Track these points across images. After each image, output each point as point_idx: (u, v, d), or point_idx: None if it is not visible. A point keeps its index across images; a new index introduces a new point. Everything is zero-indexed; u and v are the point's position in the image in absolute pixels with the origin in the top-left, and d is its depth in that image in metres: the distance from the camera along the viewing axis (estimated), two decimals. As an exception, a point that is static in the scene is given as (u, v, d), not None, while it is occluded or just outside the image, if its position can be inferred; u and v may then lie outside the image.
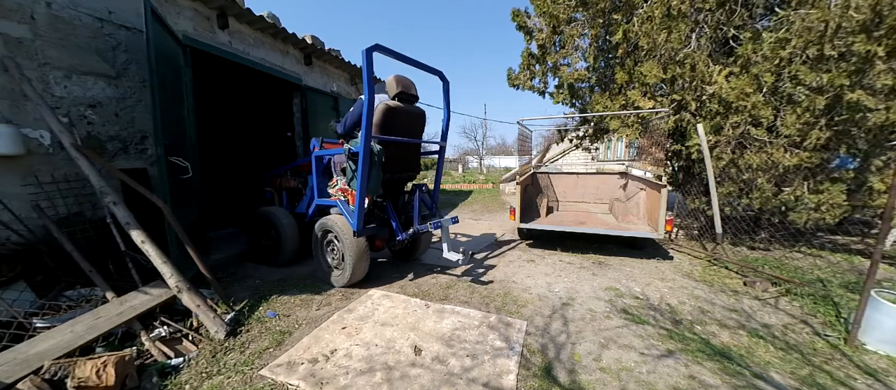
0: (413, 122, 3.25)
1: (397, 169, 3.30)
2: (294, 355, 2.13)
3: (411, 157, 3.48)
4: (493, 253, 4.47)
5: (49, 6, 2.64)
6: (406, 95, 3.11)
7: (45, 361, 1.74)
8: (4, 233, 2.40)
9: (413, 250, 3.94)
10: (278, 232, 3.71)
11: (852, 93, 3.30)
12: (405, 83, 3.12)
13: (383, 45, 2.58)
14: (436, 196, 3.86)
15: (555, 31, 6.06)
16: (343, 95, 6.66)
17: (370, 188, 2.82)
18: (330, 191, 3.36)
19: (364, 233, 3.02)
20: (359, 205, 2.83)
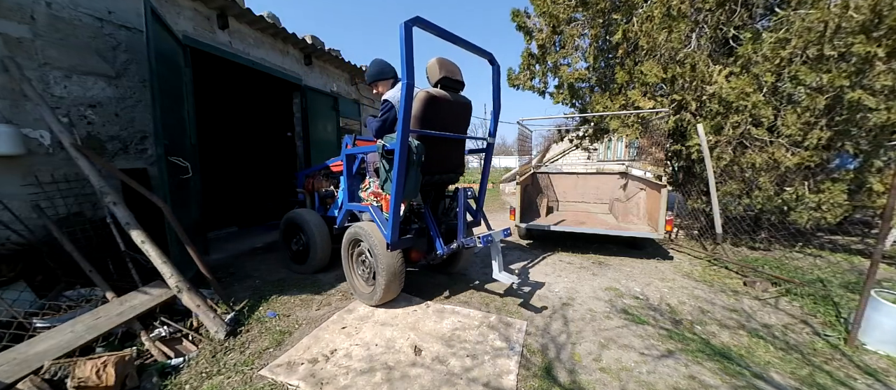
0: (458, 115, 2.79)
1: (438, 169, 2.83)
2: (294, 355, 2.13)
3: (454, 156, 3.01)
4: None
5: (49, 6, 2.64)
6: (451, 82, 2.65)
7: (45, 361, 1.73)
8: (4, 233, 2.40)
9: (452, 262, 3.47)
10: (307, 237, 3.47)
11: (852, 93, 3.31)
12: (450, 67, 2.64)
13: (424, 19, 2.18)
14: (481, 202, 3.36)
15: (555, 31, 6.06)
16: (343, 95, 6.66)
17: (407, 192, 2.41)
18: (361, 195, 2.97)
19: (400, 246, 2.60)
20: (393, 211, 2.39)
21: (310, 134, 5.66)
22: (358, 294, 2.90)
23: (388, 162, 2.44)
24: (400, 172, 2.28)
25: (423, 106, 2.44)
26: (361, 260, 2.89)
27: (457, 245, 2.83)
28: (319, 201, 3.80)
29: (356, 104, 7.15)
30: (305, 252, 3.55)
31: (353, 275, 2.98)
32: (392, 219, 2.42)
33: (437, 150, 2.68)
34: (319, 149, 5.91)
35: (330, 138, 6.23)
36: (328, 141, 6.18)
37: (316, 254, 3.43)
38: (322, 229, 3.45)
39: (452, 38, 2.38)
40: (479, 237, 2.77)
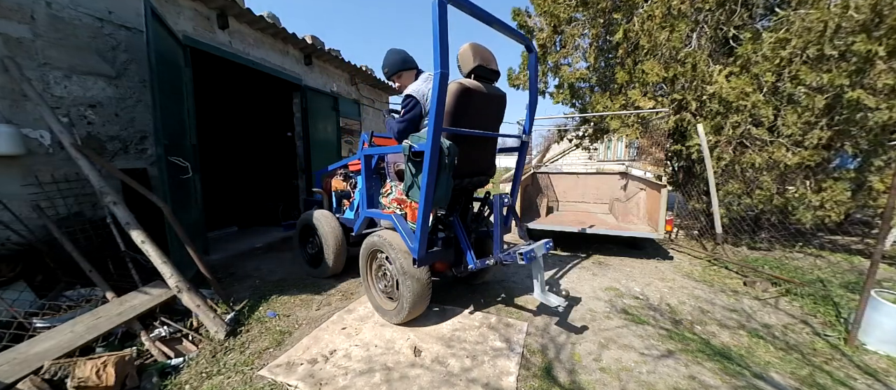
0: (492, 109, 2.48)
1: (469, 172, 2.54)
2: (293, 355, 2.13)
3: (486, 156, 2.69)
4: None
5: (49, 6, 2.65)
6: (486, 72, 2.34)
7: (45, 361, 1.74)
8: (4, 233, 2.40)
9: (478, 273, 3.07)
10: (320, 240, 3.30)
11: (852, 92, 3.30)
12: (484, 55, 2.34)
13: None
14: (513, 209, 3.00)
15: (555, 31, 6.05)
16: (343, 95, 6.66)
17: (437, 199, 2.10)
18: (382, 201, 2.68)
19: (427, 261, 2.32)
20: (421, 222, 2.10)
21: (310, 134, 5.66)
22: (379, 311, 2.60)
23: (415, 165, 2.12)
24: (430, 178, 1.95)
25: (456, 100, 2.12)
26: (383, 273, 2.59)
27: (494, 261, 2.48)
28: (336, 202, 3.56)
29: (356, 104, 7.15)
30: (319, 255, 3.38)
31: (374, 290, 2.69)
32: (420, 232, 2.13)
33: (469, 151, 2.36)
34: (319, 149, 5.91)
35: (330, 138, 6.23)
36: (328, 141, 6.18)
37: (329, 260, 3.26)
38: (336, 233, 3.25)
39: (488, 18, 2.07)
40: (520, 253, 2.31)
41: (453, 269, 2.72)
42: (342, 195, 3.50)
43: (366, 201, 2.76)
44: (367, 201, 2.76)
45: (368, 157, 2.73)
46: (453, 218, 2.63)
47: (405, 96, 2.36)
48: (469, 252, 2.49)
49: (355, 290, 3.15)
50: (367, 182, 2.77)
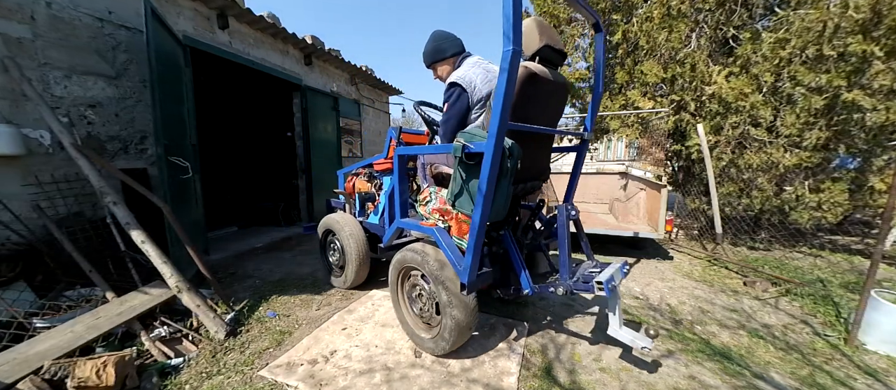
0: (556, 101, 2.11)
1: (524, 176, 2.16)
2: (294, 356, 2.13)
3: (544, 158, 2.36)
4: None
5: (49, 6, 2.64)
6: (553, 53, 1.96)
7: (45, 361, 1.73)
8: (4, 233, 2.40)
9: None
10: (341, 247, 3.01)
11: (850, 93, 3.31)
12: (551, 34, 1.97)
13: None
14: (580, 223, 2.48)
15: (555, 31, 6.06)
16: (343, 95, 6.66)
17: (495, 211, 1.78)
18: (420, 211, 2.26)
19: (478, 285, 1.92)
20: (475, 239, 1.73)
21: (310, 134, 5.67)
22: (413, 337, 2.22)
23: (468, 170, 1.76)
24: (490, 185, 1.61)
25: (521, 88, 1.74)
26: (418, 294, 2.20)
27: (563, 290, 1.97)
28: (359, 205, 3.18)
29: (356, 104, 7.15)
30: (341, 264, 3.09)
31: (406, 311, 2.30)
32: (473, 251, 1.76)
33: (526, 151, 1.89)
34: (319, 149, 5.92)
35: (330, 138, 6.23)
36: (328, 141, 6.18)
37: (351, 270, 2.94)
38: (360, 240, 2.92)
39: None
40: (599, 282, 1.86)
41: (498, 291, 2.34)
42: (366, 198, 3.10)
43: (399, 209, 2.30)
44: (400, 209, 2.30)
45: (403, 159, 2.29)
46: (504, 231, 2.18)
47: (449, 85, 2.01)
48: (524, 273, 2.04)
49: (355, 290, 3.15)
50: (402, 187, 2.31)
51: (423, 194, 2.27)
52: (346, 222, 3.00)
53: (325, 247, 3.30)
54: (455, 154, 1.73)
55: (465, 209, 1.83)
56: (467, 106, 2.00)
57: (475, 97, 1.98)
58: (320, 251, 3.35)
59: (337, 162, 6.46)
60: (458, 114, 2.00)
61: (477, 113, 2.03)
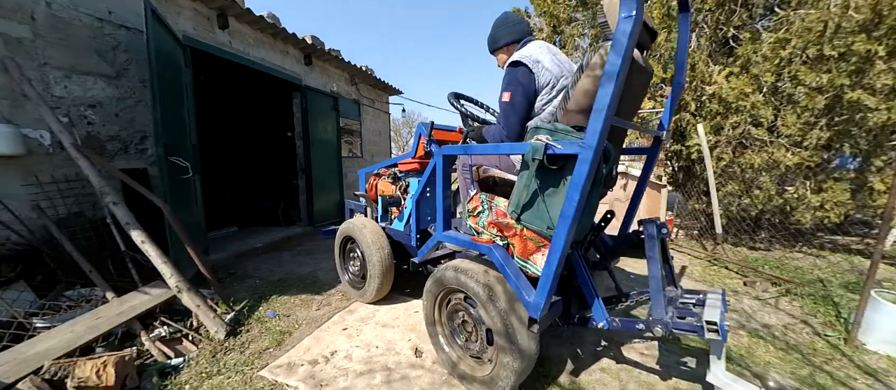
0: (641, 91, 1.79)
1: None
2: (294, 356, 2.13)
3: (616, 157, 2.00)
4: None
5: (49, 6, 2.64)
6: (645, 31, 1.60)
7: (45, 361, 1.74)
8: (4, 233, 2.40)
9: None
10: (363, 256, 2.74)
11: (852, 92, 3.31)
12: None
13: None
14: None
15: (555, 31, 6.06)
16: (343, 95, 6.66)
17: (581, 227, 1.59)
18: (469, 224, 1.88)
19: (549, 319, 1.69)
20: (555, 264, 1.40)
21: (310, 134, 5.66)
22: (458, 374, 1.87)
23: (546, 176, 1.43)
24: (583, 197, 1.29)
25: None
26: (460, 321, 1.88)
27: (662, 330, 1.56)
28: (382, 209, 2.90)
29: (356, 104, 7.15)
30: (362, 275, 2.84)
31: (444, 340, 1.97)
32: (551, 278, 1.41)
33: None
34: (319, 149, 5.92)
35: (330, 138, 6.23)
36: (328, 141, 6.18)
37: (374, 282, 2.64)
38: (384, 250, 2.62)
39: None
40: (709, 323, 1.49)
41: (559, 319, 1.93)
42: (390, 202, 2.79)
43: (442, 220, 1.93)
44: (443, 220, 1.93)
45: (448, 160, 1.92)
46: (574, 253, 1.80)
47: (510, 65, 1.72)
48: (597, 300, 1.68)
49: (355, 290, 3.15)
50: (446, 192, 1.96)
51: (473, 203, 1.86)
52: (368, 229, 2.68)
53: (343, 254, 3.01)
54: (533, 156, 1.37)
55: (533, 224, 1.51)
56: (534, 90, 1.70)
57: (542, 78, 1.68)
58: (338, 259, 3.05)
59: (337, 162, 6.46)
60: (523, 100, 1.69)
61: (543, 100, 1.72)
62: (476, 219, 1.84)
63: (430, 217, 2.51)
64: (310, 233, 5.53)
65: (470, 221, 1.87)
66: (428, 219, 2.51)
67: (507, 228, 1.68)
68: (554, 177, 1.43)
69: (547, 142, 1.37)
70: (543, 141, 1.38)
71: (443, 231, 1.94)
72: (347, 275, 3.01)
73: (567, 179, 1.34)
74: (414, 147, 2.51)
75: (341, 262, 3.04)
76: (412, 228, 2.48)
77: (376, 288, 2.65)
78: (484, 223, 1.80)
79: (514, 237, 1.66)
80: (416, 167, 2.64)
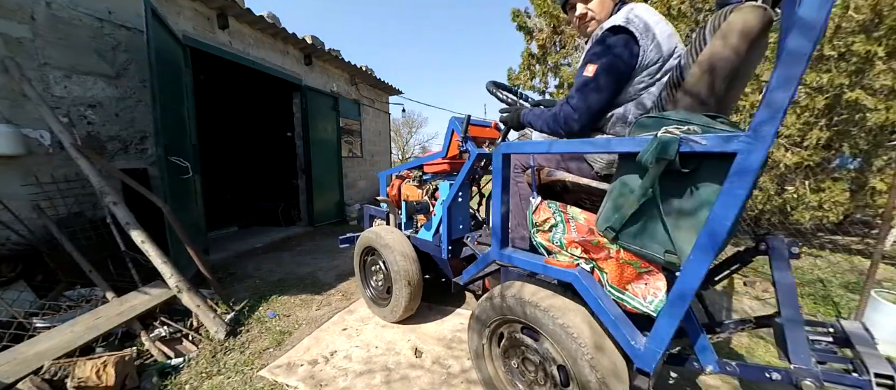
0: (752, 72, 1.36)
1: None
2: (294, 356, 2.13)
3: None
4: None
5: (49, 6, 2.64)
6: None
7: (45, 361, 1.74)
8: (4, 233, 2.40)
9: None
10: (387, 271, 2.41)
11: (851, 92, 3.31)
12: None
13: None
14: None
15: (555, 31, 6.06)
16: (343, 95, 6.67)
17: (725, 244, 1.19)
18: (538, 240, 1.47)
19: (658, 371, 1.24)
20: (685, 303, 1.07)
21: (310, 134, 5.67)
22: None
23: (673, 185, 1.05)
24: (741, 210, 0.98)
25: (751, 43, 1.04)
26: (522, 360, 1.52)
27: (813, 383, 1.07)
28: (406, 216, 2.59)
29: (356, 104, 7.16)
30: (386, 291, 2.51)
31: (504, 379, 1.63)
32: (678, 317, 1.08)
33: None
34: (319, 149, 5.92)
35: (330, 138, 6.24)
36: (328, 141, 6.19)
37: (400, 301, 2.32)
38: (411, 263, 2.29)
39: None
40: (883, 378, 1.04)
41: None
42: (417, 208, 2.43)
43: (500, 234, 1.54)
44: (501, 234, 1.54)
45: (507, 160, 1.51)
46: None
47: (608, 31, 1.29)
48: (703, 337, 1.23)
49: (356, 290, 3.15)
50: (505, 197, 1.53)
51: (540, 215, 1.43)
52: (393, 239, 2.36)
53: (364, 267, 2.69)
54: (658, 155, 0.99)
55: (641, 246, 1.13)
56: (633, 67, 1.28)
57: (649, 54, 1.26)
58: (358, 272, 2.72)
59: (337, 162, 6.47)
60: (615, 79, 1.28)
61: (642, 83, 1.30)
62: (547, 235, 1.43)
63: (462, 225, 2.31)
64: (310, 233, 5.53)
65: (540, 238, 1.46)
66: (460, 227, 2.28)
67: (596, 249, 1.29)
68: (680, 186, 1.03)
69: (681, 137, 0.97)
70: (676, 134, 0.98)
71: (500, 248, 1.56)
72: (369, 291, 2.67)
73: (698, 188, 1.00)
74: (445, 145, 2.23)
75: (362, 276, 2.72)
76: (443, 238, 2.20)
77: (404, 305, 2.32)
78: (561, 241, 1.38)
79: (606, 261, 1.28)
80: (446, 168, 2.39)
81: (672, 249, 1.07)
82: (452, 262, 2.30)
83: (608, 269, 1.27)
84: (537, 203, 1.48)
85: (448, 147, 2.25)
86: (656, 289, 1.18)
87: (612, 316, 1.20)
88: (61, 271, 2.51)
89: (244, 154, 7.62)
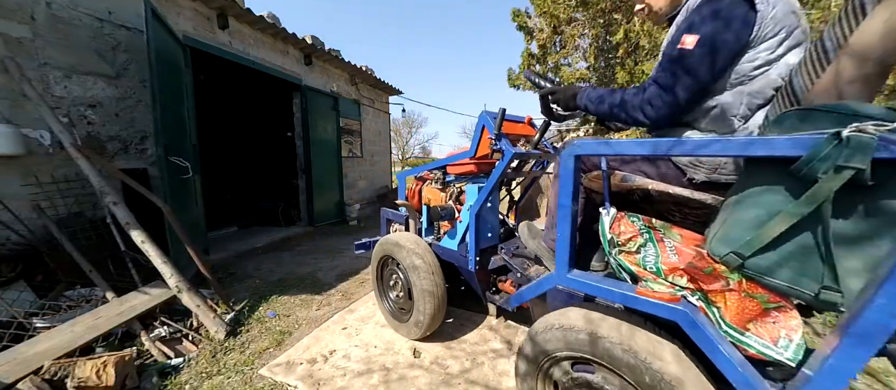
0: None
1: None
2: (294, 355, 2.13)
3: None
4: (492, 253, 4.44)
5: (49, 6, 2.65)
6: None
7: (45, 361, 1.74)
8: (4, 233, 2.41)
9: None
10: (407, 283, 2.18)
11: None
12: None
13: None
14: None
15: (555, 31, 6.06)
16: (343, 95, 6.67)
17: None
18: (621, 262, 1.17)
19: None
20: (865, 357, 0.72)
21: (310, 134, 5.67)
22: None
23: (847, 203, 0.77)
24: None
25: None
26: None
27: None
28: (427, 221, 2.35)
29: (356, 104, 7.16)
30: (407, 305, 2.27)
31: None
32: (848, 374, 0.75)
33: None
34: (319, 149, 5.93)
35: (330, 138, 6.24)
36: (328, 141, 6.19)
37: (423, 317, 2.08)
38: (435, 276, 2.07)
39: None
40: None
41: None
42: (442, 214, 2.18)
43: (567, 253, 1.22)
44: (568, 253, 1.22)
45: (577, 162, 1.19)
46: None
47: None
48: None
49: (356, 290, 3.15)
50: (574, 210, 1.21)
51: (623, 231, 1.17)
52: (414, 248, 2.13)
53: (382, 277, 2.47)
54: (846, 162, 0.72)
55: (777, 278, 0.88)
56: (745, 42, 1.03)
57: (765, 27, 1.02)
58: (375, 282, 2.50)
59: (337, 162, 6.47)
60: (717, 54, 1.03)
61: (757, 60, 1.04)
62: (634, 257, 1.14)
63: (491, 234, 2.13)
64: (310, 233, 5.53)
65: (624, 260, 1.16)
66: (488, 235, 2.11)
67: (709, 278, 1.00)
68: (854, 202, 0.77)
69: (880, 136, 0.69)
70: (872, 133, 0.70)
71: (568, 271, 1.22)
72: (387, 303, 2.45)
73: (883, 206, 0.74)
74: (474, 143, 1.96)
75: (379, 287, 2.50)
76: (470, 248, 1.98)
77: (427, 322, 2.09)
78: (657, 266, 1.09)
79: (721, 293, 0.99)
80: (472, 170, 2.20)
81: (834, 285, 0.80)
82: (479, 275, 2.06)
83: (725, 304, 0.98)
84: (613, 215, 1.21)
85: (477, 145, 1.97)
86: (790, 329, 0.93)
87: (737, 367, 0.89)
88: (61, 271, 2.51)
89: (244, 154, 7.62)
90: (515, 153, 1.74)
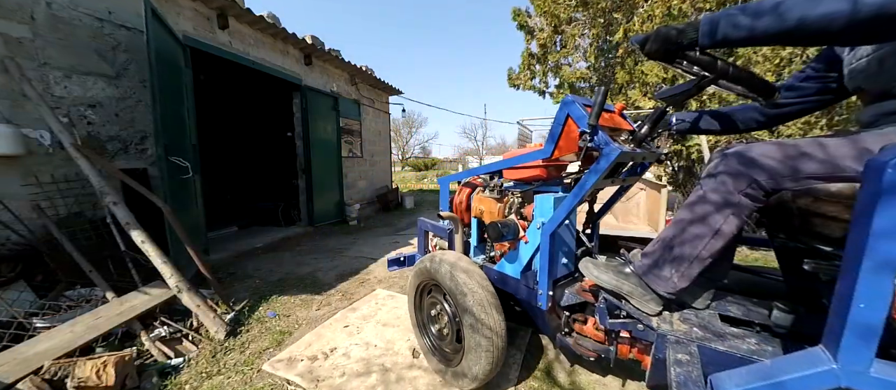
0: None
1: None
2: (295, 351, 2.15)
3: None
4: (493, 253, 4.44)
5: (49, 6, 2.65)
6: None
7: (45, 361, 1.74)
8: (4, 233, 2.41)
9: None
10: (455, 315, 1.69)
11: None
12: None
13: None
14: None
15: (555, 31, 6.06)
16: (343, 95, 6.67)
17: None
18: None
19: None
20: None
21: (310, 134, 5.67)
22: None
23: None
24: None
25: None
26: None
27: None
28: (477, 238, 1.96)
29: (356, 104, 7.16)
30: (455, 344, 1.77)
31: None
32: None
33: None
34: (319, 149, 5.93)
35: (330, 138, 6.24)
36: (328, 141, 6.19)
37: (480, 361, 1.53)
38: (492, 308, 1.54)
39: None
40: None
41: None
42: (502, 232, 1.56)
43: (867, 330, 0.66)
44: (870, 330, 0.65)
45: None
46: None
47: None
48: None
49: (356, 290, 3.15)
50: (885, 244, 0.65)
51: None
52: (466, 274, 1.59)
53: (422, 306, 1.97)
54: None
55: None
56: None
57: None
58: (413, 312, 2.02)
59: (337, 162, 6.47)
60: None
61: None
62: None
63: (567, 259, 1.68)
64: (310, 233, 5.53)
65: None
66: (564, 262, 1.66)
67: None
68: None
69: None
70: None
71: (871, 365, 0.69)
72: (428, 340, 1.94)
73: None
74: (553, 138, 1.36)
75: (418, 317, 2.00)
76: (542, 279, 1.47)
77: (484, 371, 1.55)
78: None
79: None
80: (541, 175, 1.71)
81: None
82: (550, 312, 1.54)
83: None
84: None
85: (557, 140, 1.37)
86: None
87: None
88: (61, 271, 2.51)
89: (244, 154, 7.63)
90: (622, 152, 1.17)
